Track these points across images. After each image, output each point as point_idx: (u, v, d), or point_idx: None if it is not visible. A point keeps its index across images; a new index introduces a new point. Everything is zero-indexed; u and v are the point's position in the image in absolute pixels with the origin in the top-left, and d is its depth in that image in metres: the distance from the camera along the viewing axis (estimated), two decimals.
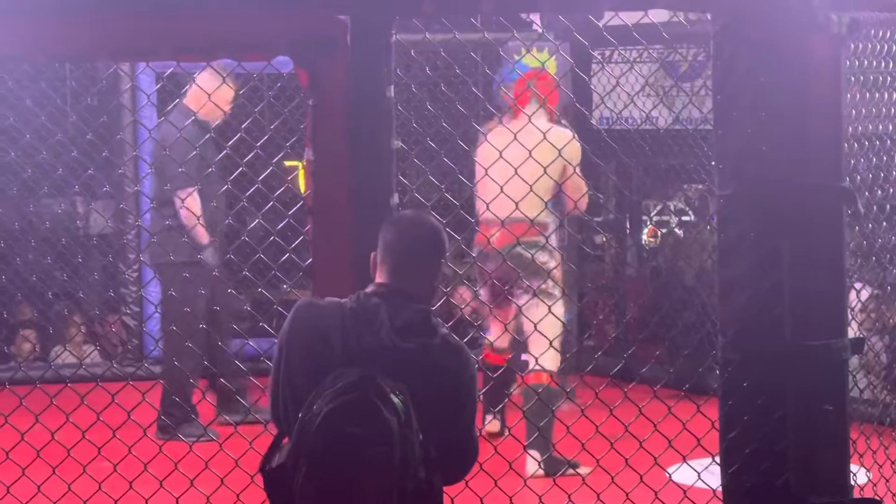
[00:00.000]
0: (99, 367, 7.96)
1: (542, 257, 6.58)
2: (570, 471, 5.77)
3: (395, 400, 3.30)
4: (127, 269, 8.48)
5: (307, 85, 4.24)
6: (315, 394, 3.32)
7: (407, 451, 3.30)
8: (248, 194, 6.15)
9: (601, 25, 4.69)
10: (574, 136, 6.43)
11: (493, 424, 6.97)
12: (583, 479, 4.69)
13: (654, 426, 4.74)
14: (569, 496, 4.72)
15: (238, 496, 4.47)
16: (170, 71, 7.79)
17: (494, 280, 6.63)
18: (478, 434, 3.59)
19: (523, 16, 7.08)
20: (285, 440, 3.46)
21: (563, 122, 6.70)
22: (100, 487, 4.72)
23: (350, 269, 4.14)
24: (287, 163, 9.24)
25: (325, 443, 3.27)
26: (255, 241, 8.43)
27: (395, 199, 4.26)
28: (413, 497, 3.33)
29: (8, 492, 4.56)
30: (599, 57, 8.42)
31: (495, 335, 6.98)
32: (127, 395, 4.95)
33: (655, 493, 4.76)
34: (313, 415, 3.28)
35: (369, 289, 3.58)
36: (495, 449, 4.57)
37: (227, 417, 6.86)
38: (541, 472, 6.20)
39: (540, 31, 7.94)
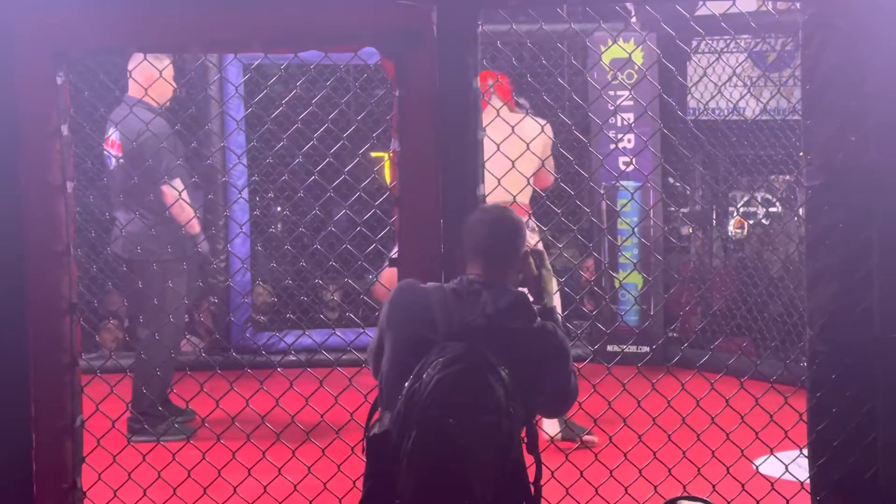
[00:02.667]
0: (186, 357, 8.05)
1: (530, 238, 6.65)
2: (588, 438, 6.01)
3: (502, 372, 3.42)
4: (214, 259, 8.55)
5: (393, 76, 4.26)
6: (422, 364, 3.44)
7: (512, 422, 3.42)
8: (333, 185, 6.19)
9: (690, 16, 4.67)
10: (546, 122, 6.71)
11: None
12: (624, 455, 4.68)
13: (742, 418, 4.72)
14: (655, 487, 4.70)
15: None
16: (257, 62, 7.92)
17: None
18: (575, 377, 3.74)
19: (618, 7, 7.06)
20: (377, 414, 3.62)
21: (529, 111, 6.86)
22: (188, 474, 4.78)
23: (435, 258, 4.17)
24: (372, 154, 9.29)
25: (436, 409, 3.37)
26: (340, 232, 8.52)
27: (481, 189, 4.27)
28: (514, 465, 3.48)
29: (99, 478, 4.64)
30: (686, 48, 8.36)
31: None
32: (215, 384, 5.02)
33: (742, 486, 4.75)
34: (423, 384, 3.40)
35: (469, 276, 3.73)
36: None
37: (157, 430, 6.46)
38: (559, 435, 6.34)
39: (631, 20, 7.91)
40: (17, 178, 4.15)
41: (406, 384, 3.43)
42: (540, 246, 6.72)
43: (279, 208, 9.41)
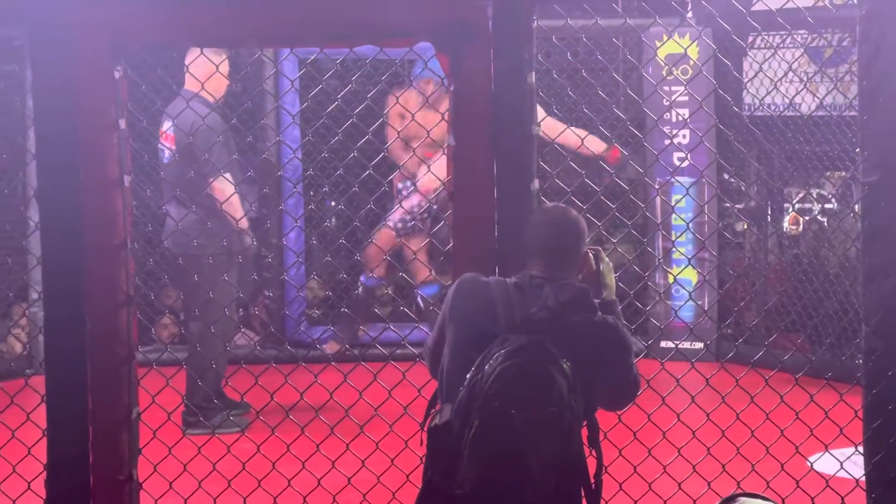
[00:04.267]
0: (241, 350, 8.10)
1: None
2: None
3: (563, 365, 3.43)
4: (268, 253, 8.59)
5: (448, 71, 4.27)
6: (484, 356, 3.45)
7: (573, 414, 3.43)
8: (388, 179, 6.21)
9: (746, 11, 4.65)
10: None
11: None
12: (678, 451, 4.66)
13: (796, 414, 4.70)
14: (708, 484, 4.69)
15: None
16: (312, 57, 7.95)
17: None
18: (636, 371, 3.72)
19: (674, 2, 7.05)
20: (437, 405, 3.62)
21: None
22: (243, 467, 4.81)
23: (490, 253, 4.17)
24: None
25: (498, 401, 3.38)
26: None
27: (535, 184, 4.27)
28: (574, 458, 3.47)
29: (155, 470, 4.67)
30: (743, 43, 8.32)
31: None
32: (270, 378, 5.04)
33: (797, 482, 4.73)
34: (485, 375, 3.41)
35: (531, 271, 3.73)
36: None
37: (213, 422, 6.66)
38: None
39: (687, 15, 7.88)
40: (76, 171, 4.18)
41: (468, 375, 3.44)
42: None
43: (332, 203, 9.43)
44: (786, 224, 8.81)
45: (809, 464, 4.88)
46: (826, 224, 8.67)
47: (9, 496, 4.79)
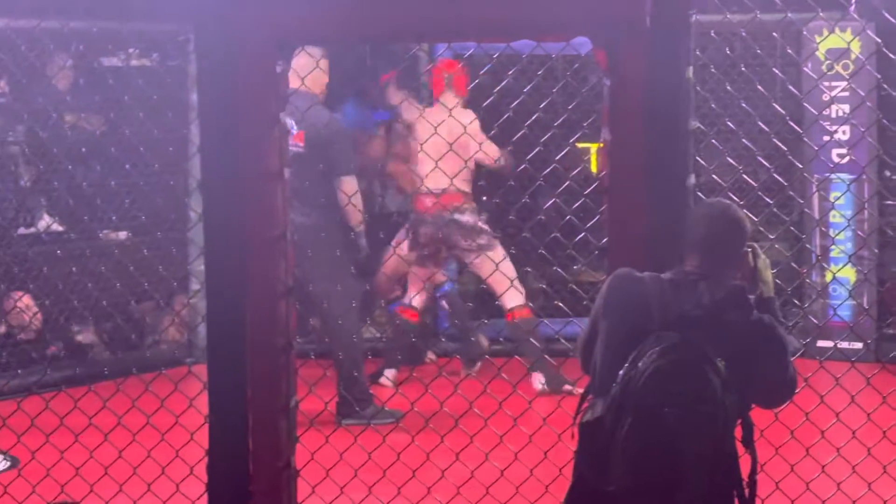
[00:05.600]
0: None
1: (468, 218, 7.61)
2: (567, 387, 6.76)
3: (718, 364, 3.41)
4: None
5: (605, 65, 4.26)
6: (638, 352, 3.44)
7: (727, 414, 3.40)
8: (543, 174, 6.22)
9: None
10: (475, 117, 7.62)
11: (391, 373, 7.61)
12: (837, 451, 4.59)
13: None
14: (868, 485, 4.63)
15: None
16: (469, 52, 7.99)
17: (427, 242, 7.50)
18: (793, 369, 3.66)
19: None
20: (589, 399, 3.60)
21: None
22: (398, 457, 4.87)
23: (644, 248, 4.16)
24: (579, 144, 9.28)
25: (652, 398, 3.37)
26: (545, 221, 8.54)
27: (692, 179, 4.25)
28: (728, 458, 3.45)
29: (312, 458, 4.75)
30: None
31: (413, 293, 7.82)
32: (425, 371, 5.09)
33: None
34: (638, 372, 3.40)
35: (686, 267, 3.70)
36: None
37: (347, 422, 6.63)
38: (546, 388, 6.92)
39: (850, 9, 7.75)
40: (237, 164, 4.27)
41: (621, 372, 3.43)
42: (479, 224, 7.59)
43: (484, 197, 9.46)
44: None
45: None
46: None
47: (172, 480, 4.92)
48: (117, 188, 8.19)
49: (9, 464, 6.05)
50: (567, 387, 6.90)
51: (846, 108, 8.26)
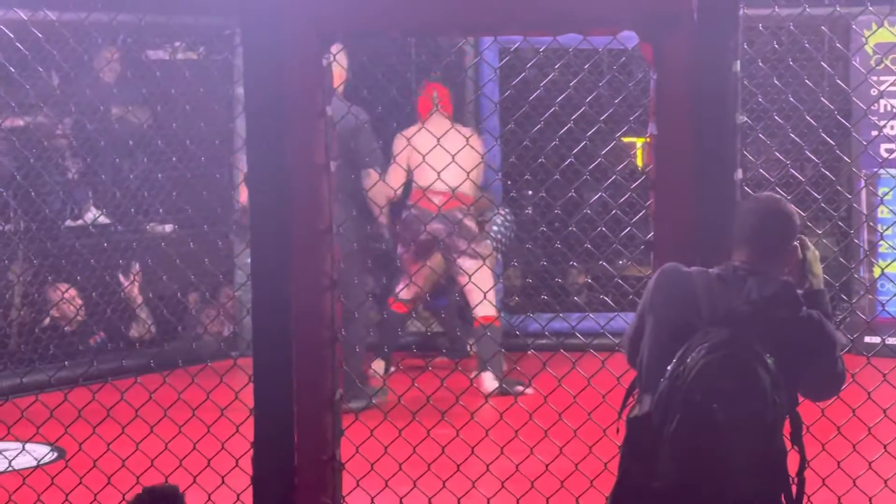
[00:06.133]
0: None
1: (472, 223, 7.76)
2: (519, 388, 6.90)
3: (767, 360, 3.39)
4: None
5: (651, 60, 4.24)
6: (686, 348, 3.42)
7: (777, 411, 3.39)
8: (589, 168, 6.20)
9: None
10: (474, 132, 7.85)
11: (378, 364, 7.87)
12: (884, 448, 4.56)
13: None
14: (885, 482, 4.60)
15: None
16: (516, 46, 7.98)
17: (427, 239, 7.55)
18: (842, 364, 3.63)
19: None
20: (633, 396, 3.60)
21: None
22: (442, 451, 4.87)
23: (691, 243, 4.14)
24: (625, 139, 9.25)
25: (700, 395, 3.35)
26: (589, 216, 8.52)
27: (739, 174, 4.22)
28: (776, 455, 3.43)
29: (357, 451, 4.76)
30: None
31: (402, 286, 7.96)
32: (468, 364, 5.09)
33: None
34: (687, 368, 3.38)
35: (734, 262, 3.68)
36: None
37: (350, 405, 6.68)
38: (496, 390, 7.15)
39: None
40: (284, 156, 4.28)
41: (669, 367, 3.42)
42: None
43: (530, 192, 9.46)
44: None
45: None
46: None
47: (217, 472, 4.94)
48: (163, 181, 8.23)
49: (56, 455, 6.10)
50: (518, 387, 7.00)
51: (895, 102, 8.20)
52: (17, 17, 6.63)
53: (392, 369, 7.99)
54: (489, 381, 7.37)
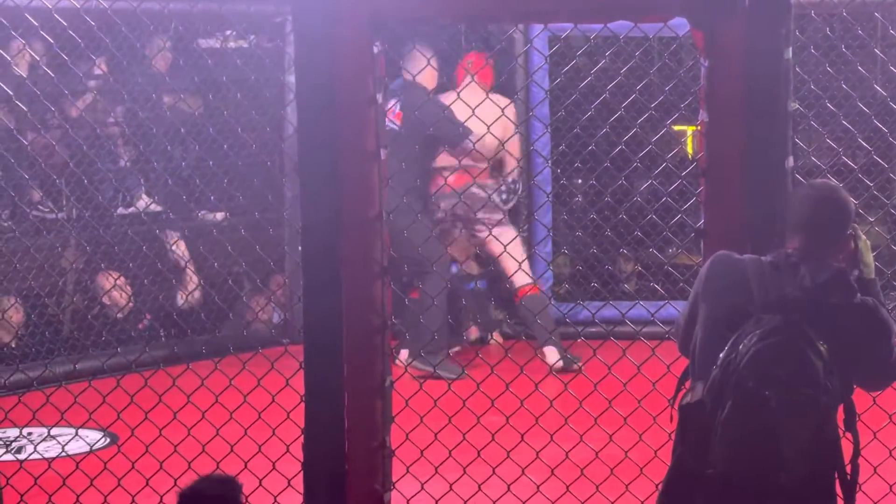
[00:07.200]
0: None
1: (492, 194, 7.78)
2: (575, 366, 6.97)
3: (820, 347, 3.38)
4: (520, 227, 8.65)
5: (702, 46, 4.23)
6: (738, 335, 3.42)
7: (830, 398, 3.37)
8: (639, 156, 6.19)
9: None
10: (511, 102, 7.71)
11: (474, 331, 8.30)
12: None
13: None
14: None
15: None
16: (566, 33, 7.95)
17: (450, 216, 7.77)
18: None
19: None
20: (687, 383, 3.59)
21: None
22: (493, 438, 4.88)
23: (741, 231, 4.13)
24: (675, 126, 9.21)
25: (753, 381, 3.35)
26: (639, 203, 8.50)
27: (790, 162, 4.21)
28: (829, 443, 3.42)
29: (407, 438, 4.78)
30: None
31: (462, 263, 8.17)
32: (519, 349, 5.10)
33: None
34: (739, 354, 3.38)
35: (787, 249, 3.66)
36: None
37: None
38: (560, 363, 7.19)
39: None
40: (335, 143, 4.29)
41: (721, 354, 3.41)
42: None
43: (580, 180, 9.43)
44: None
45: None
46: None
47: (268, 458, 4.97)
48: (215, 169, 8.27)
49: (108, 441, 6.15)
50: (576, 366, 7.05)
51: None
52: (71, 6, 6.67)
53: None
54: (552, 355, 7.37)
